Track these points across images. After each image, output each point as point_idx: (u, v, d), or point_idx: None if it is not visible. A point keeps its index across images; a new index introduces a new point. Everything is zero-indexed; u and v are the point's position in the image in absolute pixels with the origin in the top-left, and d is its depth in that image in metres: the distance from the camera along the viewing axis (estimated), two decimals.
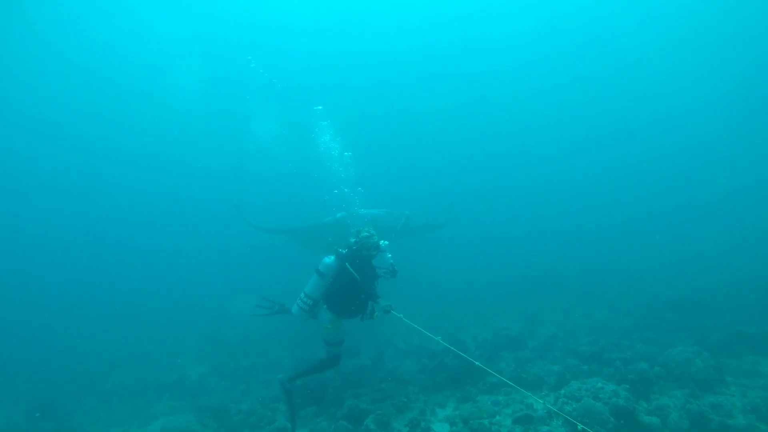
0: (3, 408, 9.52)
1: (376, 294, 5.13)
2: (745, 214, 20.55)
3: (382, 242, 5.36)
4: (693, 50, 28.19)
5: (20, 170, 27.55)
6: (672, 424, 4.70)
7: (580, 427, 3.09)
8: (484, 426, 5.37)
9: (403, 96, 31.76)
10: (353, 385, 7.23)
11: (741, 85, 28.19)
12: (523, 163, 31.61)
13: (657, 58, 28.89)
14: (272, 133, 24.39)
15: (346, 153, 11.47)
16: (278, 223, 11.05)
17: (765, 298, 8.96)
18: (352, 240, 5.28)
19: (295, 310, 5.42)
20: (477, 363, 4.63)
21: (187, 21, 24.32)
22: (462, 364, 7.09)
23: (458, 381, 6.93)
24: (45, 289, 20.44)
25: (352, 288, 5.10)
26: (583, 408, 4.78)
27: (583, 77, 30.67)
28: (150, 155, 30.05)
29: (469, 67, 30.37)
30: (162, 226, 26.92)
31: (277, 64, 26.63)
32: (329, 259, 5.24)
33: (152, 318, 15.41)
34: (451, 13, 27.34)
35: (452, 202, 12.94)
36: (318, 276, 5.24)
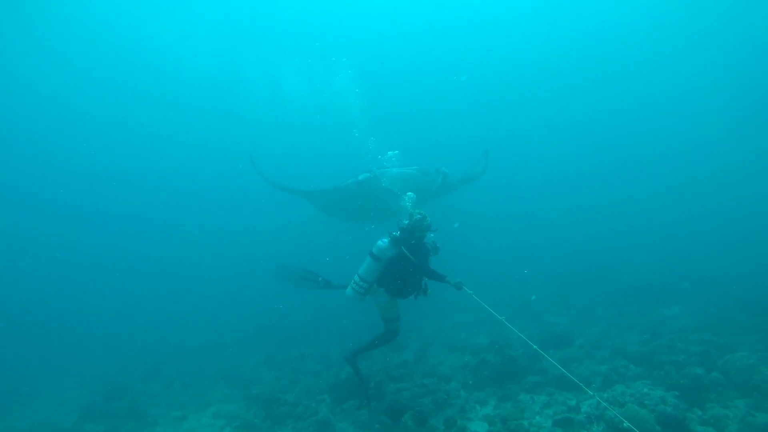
0: (82, 387, 10.60)
1: (442, 274, 5.17)
2: None
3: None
4: (695, 47, 27.34)
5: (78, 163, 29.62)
6: None
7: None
8: (523, 427, 5.28)
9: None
10: (396, 379, 7.30)
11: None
12: (578, 154, 30.39)
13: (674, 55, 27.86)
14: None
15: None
16: (296, 183, 9.84)
17: None
18: (405, 222, 5.26)
19: (350, 293, 5.50)
20: (535, 346, 4.57)
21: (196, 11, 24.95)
22: (505, 362, 7.00)
23: (500, 379, 6.84)
24: (122, 282, 22.24)
25: (409, 271, 5.14)
26: (626, 414, 4.56)
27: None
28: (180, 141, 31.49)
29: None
30: (218, 219, 28.14)
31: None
32: (383, 243, 5.22)
33: (211, 308, 16.35)
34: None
35: (487, 149, 11.63)
36: (372, 260, 5.26)
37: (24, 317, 17.77)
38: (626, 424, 4.21)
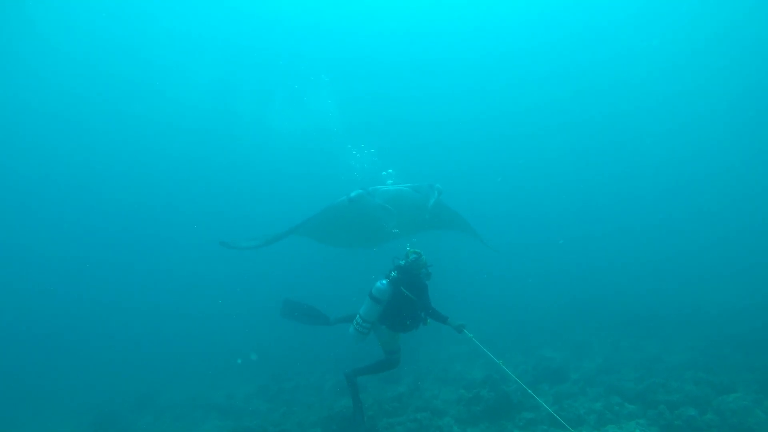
0: (72, 417, 10.39)
1: (444, 315, 5.37)
2: None
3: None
4: (700, 51, 27.56)
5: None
6: None
7: None
8: None
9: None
10: (389, 414, 7.23)
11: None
12: (572, 181, 30.64)
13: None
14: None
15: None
16: (278, 228, 8.94)
17: None
18: (402, 263, 5.44)
19: (352, 332, 5.62)
20: (530, 391, 4.61)
21: (195, 16, 25.45)
22: (499, 397, 6.94)
23: (494, 415, 6.76)
24: (113, 307, 21.97)
25: (411, 309, 5.33)
26: None
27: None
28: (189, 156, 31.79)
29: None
30: (208, 241, 28.05)
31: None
32: (382, 285, 5.37)
33: (206, 337, 16.16)
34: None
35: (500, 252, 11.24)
36: (372, 301, 5.39)
37: (7, 343, 17.41)
38: None
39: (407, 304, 5.28)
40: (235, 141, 31.64)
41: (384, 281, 5.38)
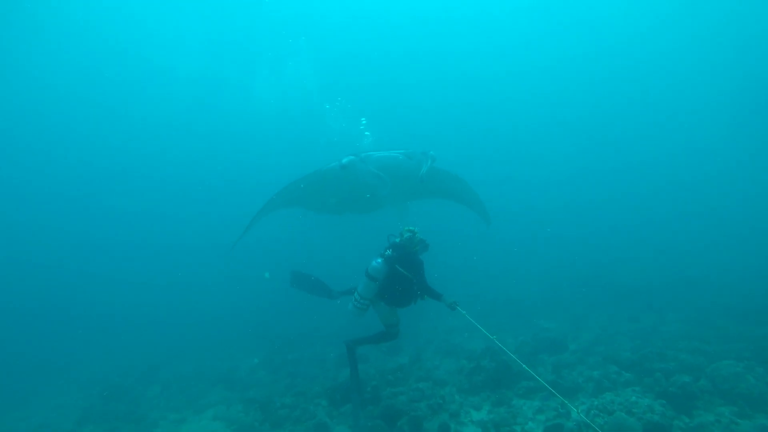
0: (82, 389, 10.66)
1: (438, 292, 5.49)
2: None
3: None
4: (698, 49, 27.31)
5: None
6: None
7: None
8: None
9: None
10: (392, 383, 7.42)
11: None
12: (570, 157, 30.59)
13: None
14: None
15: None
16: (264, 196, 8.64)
17: None
18: (397, 240, 5.55)
19: (351, 308, 5.76)
20: (525, 366, 4.66)
21: (187, 16, 25.16)
22: (499, 367, 7.14)
23: (495, 384, 6.96)
24: (119, 282, 22.24)
25: (407, 285, 5.46)
26: (614, 422, 4.72)
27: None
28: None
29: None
30: (214, 221, 28.08)
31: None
32: (377, 263, 5.48)
33: (210, 310, 16.41)
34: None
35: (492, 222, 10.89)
36: (369, 279, 5.52)
37: (20, 318, 17.76)
38: None
39: (403, 281, 5.41)
40: (221, 110, 31.56)
41: (379, 260, 5.50)
